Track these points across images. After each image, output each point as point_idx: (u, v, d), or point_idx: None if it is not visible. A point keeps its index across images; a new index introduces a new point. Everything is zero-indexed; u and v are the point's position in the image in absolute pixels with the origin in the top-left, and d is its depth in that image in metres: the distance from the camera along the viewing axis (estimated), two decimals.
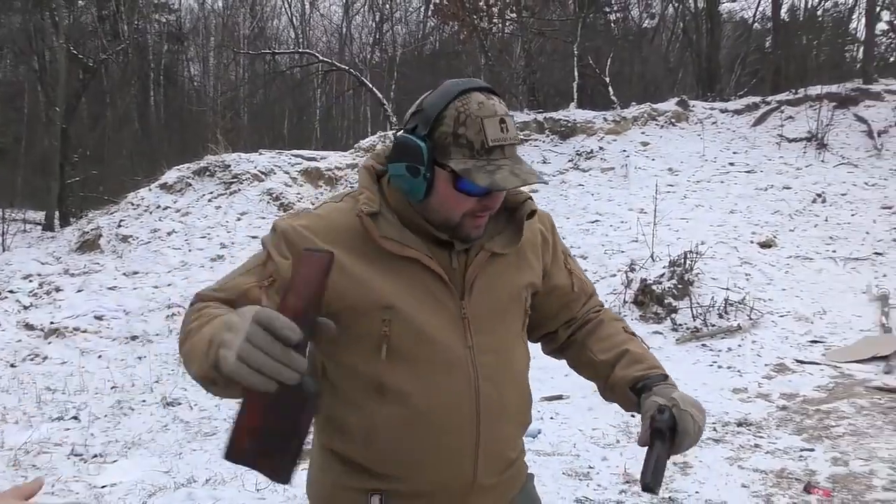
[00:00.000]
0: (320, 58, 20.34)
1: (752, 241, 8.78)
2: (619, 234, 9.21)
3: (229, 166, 11.34)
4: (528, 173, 1.35)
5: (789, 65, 17.81)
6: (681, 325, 6.97)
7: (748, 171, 11.22)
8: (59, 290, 8.33)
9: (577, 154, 12.24)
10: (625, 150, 12.14)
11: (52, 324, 7.37)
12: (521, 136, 12.21)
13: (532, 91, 16.54)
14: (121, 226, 10.15)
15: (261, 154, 11.95)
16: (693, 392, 3.58)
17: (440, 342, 1.40)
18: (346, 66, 20.57)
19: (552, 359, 1.78)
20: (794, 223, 9.46)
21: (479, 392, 1.42)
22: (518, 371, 1.54)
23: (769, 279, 7.84)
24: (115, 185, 15.55)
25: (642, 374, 1.52)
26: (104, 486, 4.25)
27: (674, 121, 13.46)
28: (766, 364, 6.13)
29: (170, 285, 8.49)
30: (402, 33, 28.78)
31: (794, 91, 14.24)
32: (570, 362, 1.70)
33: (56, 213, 13.72)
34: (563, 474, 4.24)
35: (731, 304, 7.05)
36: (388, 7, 27.68)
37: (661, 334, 6.84)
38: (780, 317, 7.03)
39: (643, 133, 12.96)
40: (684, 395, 1.45)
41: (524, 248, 1.53)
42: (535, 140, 13.00)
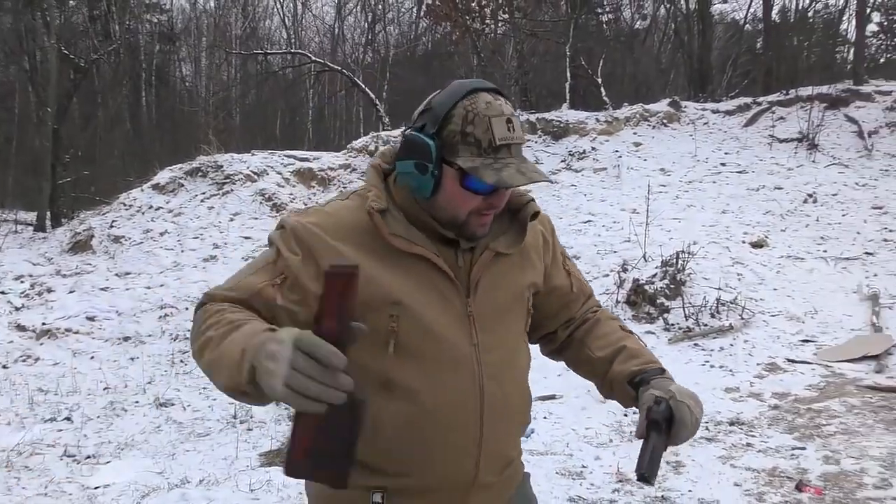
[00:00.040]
0: (313, 58, 20.33)
1: (743, 241, 8.80)
2: (611, 234, 9.23)
3: (222, 167, 11.32)
4: (535, 172, 1.37)
5: (780, 66, 17.88)
6: (673, 324, 6.99)
7: (740, 172, 11.27)
8: (50, 290, 8.31)
9: (570, 154, 12.27)
10: (617, 151, 12.17)
11: (44, 325, 7.34)
12: None
13: (524, 92, 16.57)
14: (113, 226, 10.12)
15: (253, 154, 11.93)
16: None
17: (447, 339, 1.41)
18: (338, 67, 20.56)
19: (548, 359, 1.79)
20: (786, 223, 9.50)
21: (484, 390, 1.43)
22: (520, 370, 1.56)
23: (761, 279, 7.87)
24: (106, 185, 15.50)
25: (639, 368, 1.54)
26: (97, 487, 4.25)
27: (666, 121, 13.49)
28: (758, 363, 6.15)
29: (162, 286, 8.47)
30: (394, 34, 28.85)
31: (785, 92, 14.29)
32: (568, 362, 1.72)
33: (47, 214, 13.64)
34: (557, 473, 4.25)
35: (723, 304, 7.07)
36: (380, 7, 27.70)
37: (654, 334, 6.85)
38: (772, 316, 7.06)
39: (635, 133, 13.00)
40: (681, 387, 1.46)
41: (527, 249, 1.55)
42: (528, 141, 13.01)
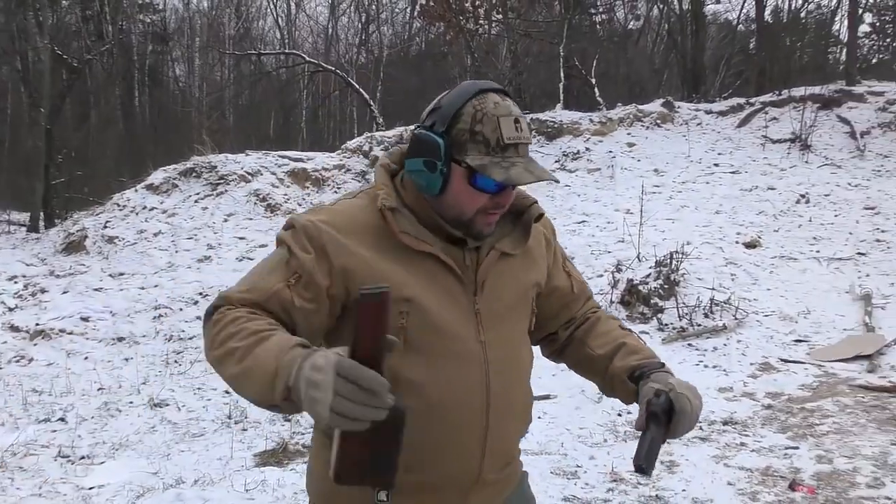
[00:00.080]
0: (306, 58, 20.32)
1: (737, 242, 8.84)
2: (605, 234, 9.25)
3: (216, 167, 11.30)
4: (542, 171, 1.41)
5: (773, 66, 17.94)
6: (667, 324, 7.02)
7: (733, 172, 11.30)
8: (44, 291, 8.29)
9: (564, 155, 12.28)
10: (611, 151, 12.19)
11: (38, 325, 7.32)
12: None
13: (518, 92, 16.57)
14: (106, 227, 10.10)
15: (247, 155, 11.91)
16: None
17: (456, 335, 1.43)
18: (332, 67, 20.55)
19: (547, 361, 1.81)
20: (779, 223, 9.53)
21: (490, 387, 1.45)
22: (524, 369, 1.57)
23: (754, 279, 7.90)
24: (100, 185, 15.46)
25: (639, 363, 1.56)
26: (92, 488, 4.24)
27: (659, 122, 13.52)
28: (752, 363, 6.17)
29: (156, 286, 8.46)
30: (388, 34, 28.82)
31: (777, 92, 14.34)
32: (569, 363, 1.74)
33: (41, 215, 13.62)
34: (551, 473, 4.26)
35: (717, 304, 7.10)
36: (374, 8, 27.68)
37: (648, 334, 6.87)
38: (765, 316, 7.09)
39: (629, 134, 13.01)
40: (681, 380, 1.48)
41: (530, 250, 1.58)
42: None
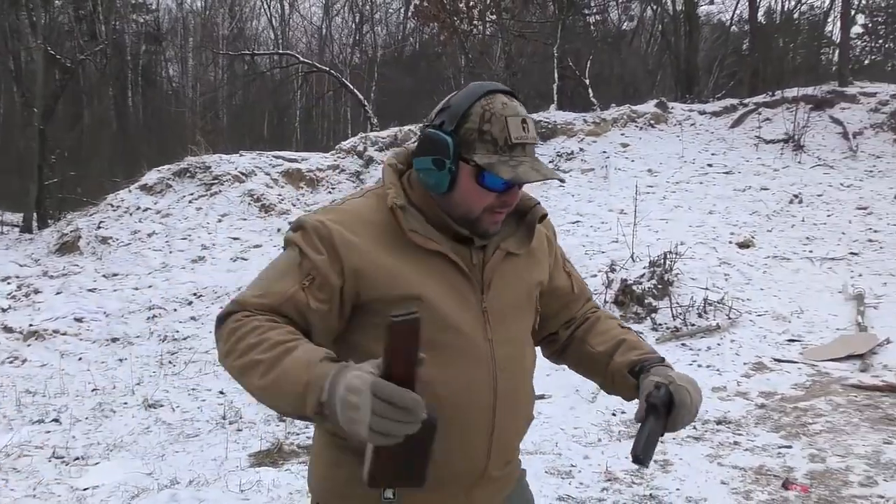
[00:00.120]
0: (300, 59, 20.29)
1: (730, 242, 8.86)
2: (599, 234, 9.26)
3: (210, 167, 11.29)
4: (548, 170, 1.44)
5: (766, 67, 18.00)
6: (661, 324, 7.03)
7: (726, 173, 11.33)
8: (37, 292, 8.28)
9: (558, 155, 12.30)
10: (605, 152, 12.21)
11: (32, 326, 7.31)
12: None
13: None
14: (100, 227, 10.09)
15: (241, 155, 11.91)
16: None
17: (465, 333, 1.44)
18: (326, 68, 20.53)
19: (542, 360, 1.81)
20: (772, 224, 9.56)
21: (497, 385, 1.47)
22: (528, 368, 1.60)
23: (747, 279, 7.92)
24: (93, 186, 15.42)
25: (639, 357, 1.58)
26: (86, 489, 4.23)
27: (653, 122, 13.55)
28: (745, 363, 6.19)
29: (150, 287, 8.45)
30: (382, 34, 28.83)
31: (770, 93, 14.39)
32: (570, 362, 1.75)
33: (34, 215, 13.59)
34: (546, 473, 4.27)
35: (711, 304, 7.12)
36: (368, 8, 27.68)
37: (642, 334, 6.87)
38: (759, 316, 7.11)
39: (623, 134, 13.04)
40: (681, 374, 1.50)
41: (534, 249, 1.60)
42: None
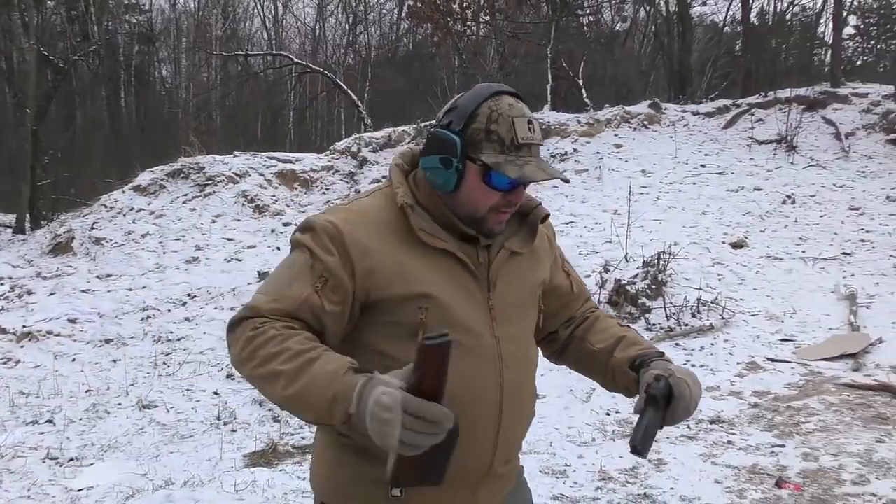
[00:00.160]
0: (294, 59, 20.28)
1: (723, 242, 8.89)
2: (593, 235, 9.28)
3: (203, 168, 11.28)
4: (553, 169, 1.46)
5: (759, 68, 18.06)
6: (654, 324, 7.05)
7: (720, 173, 11.37)
8: (31, 293, 8.25)
9: (552, 156, 12.31)
10: (598, 152, 12.23)
11: (25, 327, 7.28)
12: None
13: None
14: (94, 228, 10.06)
15: (235, 156, 11.89)
16: None
17: (473, 331, 1.46)
18: (319, 68, 20.51)
19: (545, 363, 1.84)
20: (765, 224, 9.60)
21: (504, 381, 1.49)
22: (532, 364, 1.62)
23: (741, 279, 7.95)
24: (86, 187, 15.37)
25: (639, 352, 1.60)
26: (81, 490, 4.23)
27: (646, 123, 13.58)
28: (738, 362, 6.21)
29: (144, 288, 8.44)
30: (375, 35, 28.80)
31: (763, 94, 14.46)
32: (571, 362, 1.77)
33: (27, 216, 13.54)
34: (540, 472, 4.28)
35: (704, 304, 7.14)
36: (361, 9, 27.66)
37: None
38: (752, 316, 7.13)
39: (616, 135, 13.07)
40: (681, 367, 1.52)
41: (536, 249, 1.63)
42: None
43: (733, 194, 10.52)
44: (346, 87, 19.18)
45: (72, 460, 4.67)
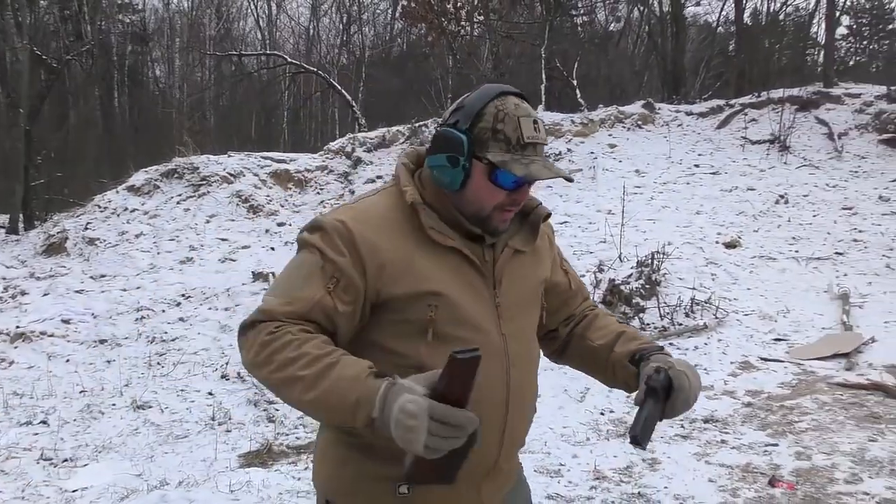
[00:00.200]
0: (288, 59, 20.25)
1: (717, 242, 8.91)
2: (587, 235, 9.29)
3: (198, 168, 11.26)
4: (558, 169, 1.50)
5: (752, 68, 18.14)
6: (648, 324, 7.06)
7: (713, 173, 11.40)
8: (24, 293, 8.23)
9: (546, 156, 12.31)
10: (592, 152, 12.25)
11: (18, 328, 7.26)
12: None
13: None
14: (87, 228, 10.04)
15: (229, 156, 11.88)
16: None
17: (481, 328, 1.48)
18: (313, 68, 20.48)
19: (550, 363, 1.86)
20: (758, 224, 9.63)
21: (510, 378, 1.50)
22: (535, 361, 1.64)
23: (734, 279, 7.97)
24: (80, 187, 15.34)
25: (639, 347, 1.62)
26: (75, 490, 4.23)
27: (640, 123, 13.61)
28: (732, 362, 6.22)
29: (138, 288, 8.42)
30: (369, 35, 28.78)
31: (757, 94, 14.50)
32: (571, 360, 1.79)
33: (20, 216, 13.50)
34: (535, 471, 4.29)
35: (698, 304, 7.16)
36: (355, 9, 27.64)
37: None
38: (745, 315, 7.15)
39: (610, 135, 13.09)
40: (681, 360, 1.54)
41: (538, 248, 1.65)
42: None
43: (727, 194, 10.55)
44: (340, 88, 19.17)
45: (66, 461, 4.66)
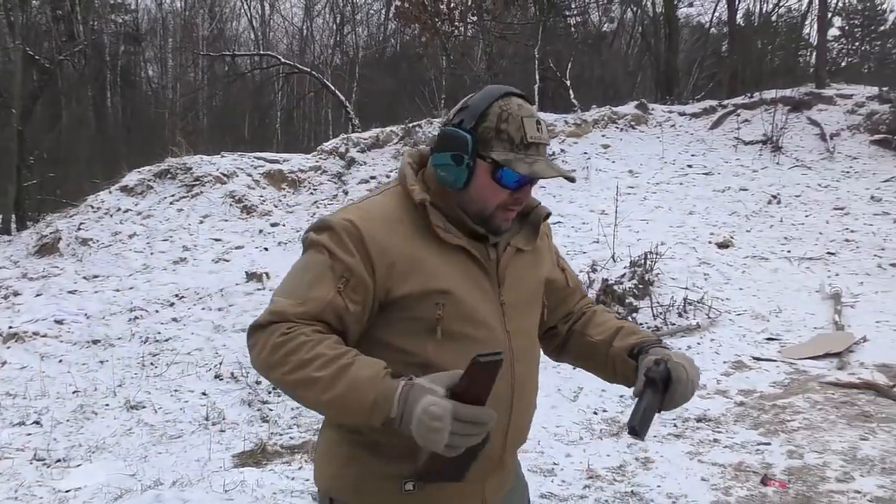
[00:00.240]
0: (281, 60, 20.23)
1: (710, 242, 8.94)
2: (580, 235, 9.31)
3: (191, 169, 11.25)
4: (561, 168, 1.51)
5: (745, 69, 18.17)
6: (642, 324, 7.07)
7: (706, 173, 11.44)
8: (17, 294, 8.21)
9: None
10: (586, 153, 12.27)
11: (11, 328, 7.24)
12: None
13: None
14: (80, 229, 10.02)
15: (223, 156, 11.86)
16: None
17: (488, 325, 1.50)
18: (307, 69, 20.46)
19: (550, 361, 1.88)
20: (751, 224, 9.66)
21: (514, 375, 1.52)
22: (537, 358, 1.67)
23: (727, 279, 8.00)
24: (72, 187, 15.30)
25: (638, 340, 1.64)
26: (69, 491, 4.22)
27: (633, 123, 13.64)
28: (725, 361, 6.24)
29: (132, 288, 8.40)
30: (363, 35, 28.76)
31: (749, 95, 14.55)
32: (571, 357, 1.81)
33: (13, 217, 13.46)
34: (528, 470, 4.29)
35: (690, 304, 7.18)
36: (348, 9, 27.62)
37: None
38: (738, 315, 7.18)
39: (604, 136, 13.12)
40: (679, 352, 1.56)
41: (538, 247, 1.67)
42: None
43: (719, 194, 10.59)
44: (333, 88, 19.15)
45: (59, 461, 4.65)
